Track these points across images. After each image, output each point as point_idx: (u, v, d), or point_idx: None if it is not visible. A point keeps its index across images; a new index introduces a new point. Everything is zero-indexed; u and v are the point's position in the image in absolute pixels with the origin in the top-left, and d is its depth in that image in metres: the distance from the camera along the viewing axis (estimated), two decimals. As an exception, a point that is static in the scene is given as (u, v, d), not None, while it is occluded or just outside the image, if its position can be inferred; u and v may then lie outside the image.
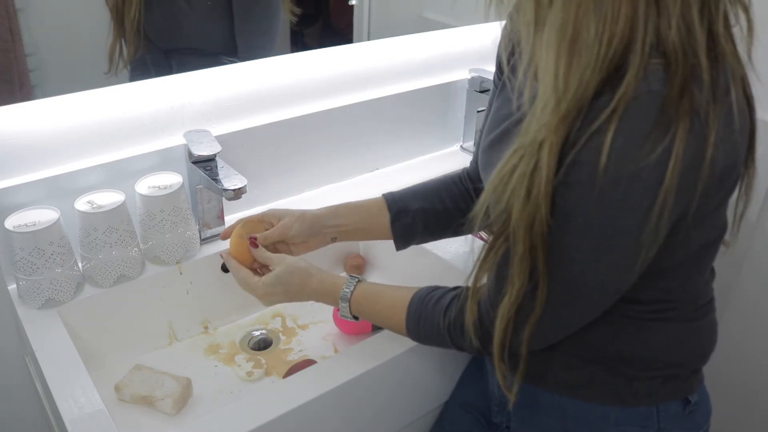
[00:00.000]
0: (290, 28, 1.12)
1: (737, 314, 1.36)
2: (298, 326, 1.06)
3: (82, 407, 0.75)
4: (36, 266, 0.87)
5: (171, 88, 1.01)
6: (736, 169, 0.64)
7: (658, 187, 0.57)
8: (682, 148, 0.56)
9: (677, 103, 0.55)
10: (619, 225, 0.60)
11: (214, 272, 1.04)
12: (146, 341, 0.99)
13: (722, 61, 0.59)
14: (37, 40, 0.88)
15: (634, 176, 0.57)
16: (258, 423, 0.74)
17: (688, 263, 0.70)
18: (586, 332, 0.72)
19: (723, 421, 1.42)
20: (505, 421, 0.87)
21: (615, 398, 0.76)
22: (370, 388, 0.84)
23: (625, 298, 0.69)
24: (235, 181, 0.94)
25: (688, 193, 0.59)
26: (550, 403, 0.79)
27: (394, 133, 1.30)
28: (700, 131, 0.57)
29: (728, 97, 0.59)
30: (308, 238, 0.91)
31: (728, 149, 0.60)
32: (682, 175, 0.57)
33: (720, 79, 0.58)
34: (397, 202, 0.92)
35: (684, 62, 0.56)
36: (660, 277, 0.69)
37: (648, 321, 0.72)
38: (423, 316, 0.77)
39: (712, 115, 0.57)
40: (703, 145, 0.57)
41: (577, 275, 0.64)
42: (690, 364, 0.77)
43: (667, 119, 0.56)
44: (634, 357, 0.74)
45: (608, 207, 0.59)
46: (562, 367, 0.77)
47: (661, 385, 0.75)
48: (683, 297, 0.73)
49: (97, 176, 0.96)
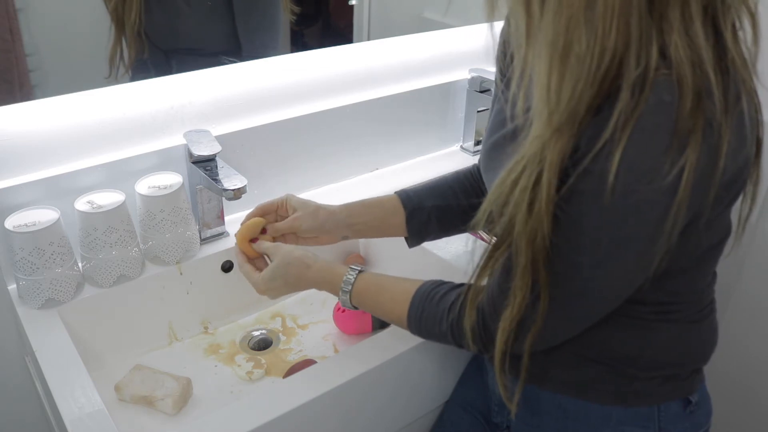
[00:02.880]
0: (290, 28, 1.12)
1: (738, 314, 1.37)
2: (298, 326, 1.06)
3: (82, 407, 0.75)
4: (36, 266, 0.87)
5: (171, 88, 1.01)
6: (743, 174, 0.64)
7: (672, 199, 0.56)
8: (696, 159, 0.55)
9: (690, 114, 0.55)
10: (630, 236, 0.60)
11: (214, 272, 1.04)
12: (146, 341, 0.99)
13: (732, 70, 0.58)
14: (37, 40, 0.88)
15: (647, 188, 0.56)
16: (258, 423, 0.74)
17: (694, 266, 0.70)
18: (588, 332, 0.72)
19: (724, 421, 1.42)
20: (505, 421, 0.87)
21: (616, 398, 0.76)
22: (370, 388, 0.84)
23: (631, 300, 0.69)
24: (235, 181, 0.94)
25: (699, 201, 0.59)
26: (550, 402, 0.79)
27: (394, 133, 1.30)
28: (713, 141, 0.56)
29: (739, 105, 0.58)
30: (319, 235, 0.91)
31: (738, 157, 0.60)
32: (695, 186, 0.56)
33: (731, 87, 0.58)
34: (411, 199, 0.91)
35: (692, 74, 0.55)
36: (666, 280, 0.68)
37: (652, 322, 0.72)
38: (425, 313, 0.76)
39: (724, 125, 0.56)
40: (716, 155, 0.57)
41: (581, 284, 0.64)
42: (691, 364, 0.77)
43: (681, 130, 0.55)
44: (636, 357, 0.73)
45: (619, 218, 0.59)
46: (563, 366, 0.77)
47: (661, 384, 0.75)
48: (688, 299, 0.73)
49: (97, 176, 0.96)
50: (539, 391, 0.79)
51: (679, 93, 0.55)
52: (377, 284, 0.81)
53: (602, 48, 0.55)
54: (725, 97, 0.57)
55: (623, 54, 0.56)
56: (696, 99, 0.55)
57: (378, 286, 0.81)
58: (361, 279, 0.81)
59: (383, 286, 0.81)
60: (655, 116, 0.55)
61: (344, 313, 1.02)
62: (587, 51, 0.56)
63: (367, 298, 0.81)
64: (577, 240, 0.61)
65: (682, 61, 0.55)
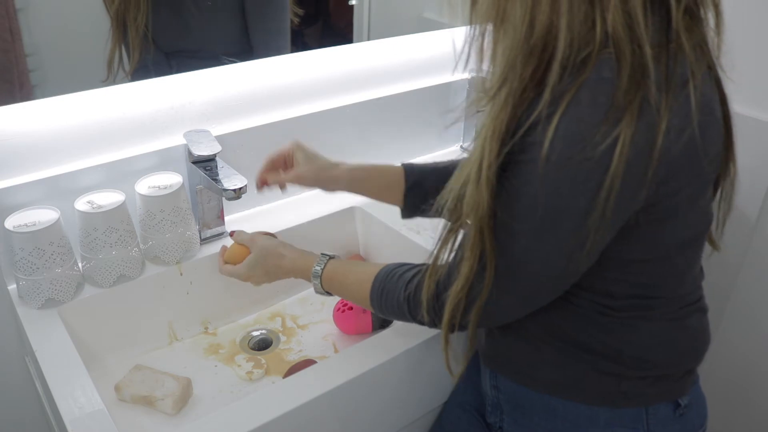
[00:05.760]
0: (291, 28, 1.12)
1: (737, 315, 1.36)
2: (298, 326, 1.07)
3: (82, 407, 0.75)
4: (36, 266, 0.87)
5: (171, 88, 1.01)
6: (698, 163, 0.64)
7: (605, 172, 0.58)
8: (630, 134, 0.57)
9: (627, 90, 0.57)
10: (564, 206, 0.61)
11: (214, 272, 1.04)
12: (146, 341, 0.99)
13: (681, 53, 0.60)
14: (37, 40, 0.88)
15: (581, 159, 0.58)
16: (258, 423, 0.74)
17: (662, 260, 0.70)
18: (570, 331, 0.73)
19: (722, 424, 1.42)
20: (498, 422, 0.87)
21: (604, 399, 0.76)
22: (370, 388, 0.84)
23: (597, 292, 0.70)
24: (235, 181, 0.94)
25: (637, 179, 0.60)
26: (541, 403, 0.79)
27: (394, 133, 1.30)
28: (650, 119, 0.58)
29: (685, 89, 0.60)
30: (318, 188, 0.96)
31: (686, 140, 0.60)
32: (631, 162, 0.58)
33: (677, 70, 0.59)
34: (414, 174, 0.94)
35: (631, 52, 0.57)
36: (629, 271, 0.69)
37: (628, 319, 0.72)
38: (386, 289, 0.79)
39: (663, 104, 0.58)
40: (654, 133, 0.58)
41: (520, 254, 0.65)
42: (681, 365, 0.77)
43: (616, 105, 0.57)
44: (620, 356, 0.74)
45: (554, 188, 0.60)
46: (551, 366, 0.77)
47: (649, 386, 0.75)
48: (663, 295, 0.72)
49: (97, 176, 0.96)
50: (530, 393, 0.80)
51: (617, 70, 0.57)
52: (344, 268, 0.85)
53: (532, 18, 0.59)
54: (669, 77, 0.58)
55: (556, 27, 0.59)
56: (634, 76, 0.57)
57: (345, 270, 0.85)
58: (330, 264, 0.85)
59: (350, 270, 0.85)
60: (593, 90, 0.58)
61: (344, 313, 1.02)
62: (521, 21, 0.59)
63: (335, 282, 0.85)
64: (515, 209, 0.63)
65: (620, 38, 0.57)
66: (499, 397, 0.84)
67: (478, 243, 0.65)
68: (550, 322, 0.75)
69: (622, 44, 0.57)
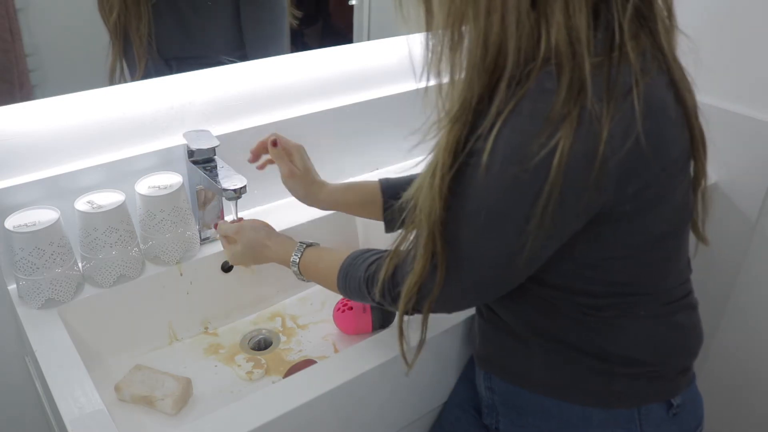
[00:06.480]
0: (290, 28, 1.12)
1: (736, 315, 1.36)
2: (298, 326, 1.07)
3: (82, 407, 0.75)
4: (36, 266, 0.87)
5: (171, 88, 1.01)
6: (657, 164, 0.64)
7: (544, 180, 0.59)
8: (569, 143, 0.58)
9: (565, 101, 0.58)
10: (505, 211, 0.63)
11: (214, 272, 1.04)
12: (146, 341, 0.99)
13: (624, 62, 0.61)
14: (37, 40, 0.88)
15: (520, 169, 0.60)
16: (258, 423, 0.74)
17: (638, 256, 0.70)
18: (558, 332, 0.74)
19: (721, 424, 1.42)
20: (494, 423, 0.87)
21: (597, 399, 0.76)
22: (370, 388, 0.84)
23: (578, 292, 0.71)
24: (235, 181, 0.94)
25: (579, 186, 0.61)
26: (535, 404, 0.80)
27: (394, 134, 1.29)
28: (591, 128, 0.58)
29: (629, 97, 0.60)
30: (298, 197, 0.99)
31: (631, 146, 0.61)
32: (570, 170, 0.59)
33: (619, 79, 0.60)
34: (391, 188, 0.98)
35: (571, 65, 0.59)
36: (606, 269, 0.70)
37: (612, 318, 0.72)
38: (350, 271, 0.81)
39: (605, 113, 0.59)
40: (596, 141, 0.59)
41: (467, 251, 0.67)
42: (672, 363, 0.77)
43: (554, 116, 0.58)
44: (609, 355, 0.74)
45: (494, 193, 0.63)
46: (543, 367, 0.77)
47: (642, 386, 0.75)
48: (645, 292, 0.73)
49: (97, 176, 0.96)
50: (524, 393, 0.80)
51: (558, 82, 0.59)
52: (318, 255, 0.88)
53: (485, 39, 0.62)
54: (609, 89, 0.59)
55: (506, 46, 0.61)
56: (572, 89, 0.58)
57: (318, 257, 0.88)
58: (307, 252, 0.89)
59: (322, 257, 0.88)
60: (533, 102, 0.60)
61: (344, 313, 1.02)
62: (475, 43, 0.62)
63: (310, 268, 0.88)
64: (462, 212, 0.66)
65: (561, 53, 0.59)
66: (493, 398, 0.85)
67: (429, 245, 0.68)
68: (538, 324, 0.76)
69: (563, 59, 0.59)
